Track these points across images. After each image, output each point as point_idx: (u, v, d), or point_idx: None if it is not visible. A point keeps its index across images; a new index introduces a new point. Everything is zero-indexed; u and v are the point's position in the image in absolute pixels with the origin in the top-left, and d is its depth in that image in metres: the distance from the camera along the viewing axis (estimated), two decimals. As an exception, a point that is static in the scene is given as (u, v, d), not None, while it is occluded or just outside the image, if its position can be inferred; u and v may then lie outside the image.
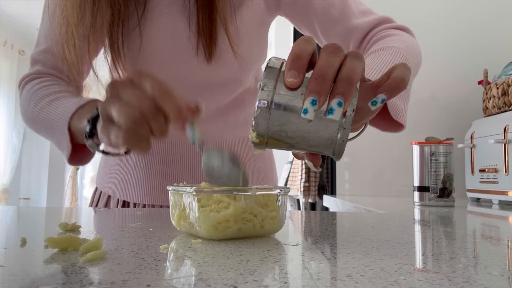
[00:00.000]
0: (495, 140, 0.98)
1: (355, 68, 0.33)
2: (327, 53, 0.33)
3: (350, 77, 0.32)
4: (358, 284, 0.23)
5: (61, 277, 0.24)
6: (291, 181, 2.29)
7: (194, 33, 0.66)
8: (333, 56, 0.33)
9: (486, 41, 1.48)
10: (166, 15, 0.67)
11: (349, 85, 0.32)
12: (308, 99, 0.32)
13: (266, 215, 0.38)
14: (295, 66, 0.32)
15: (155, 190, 0.74)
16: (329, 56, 0.33)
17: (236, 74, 0.71)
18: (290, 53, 0.33)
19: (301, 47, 0.33)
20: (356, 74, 0.33)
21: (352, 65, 0.33)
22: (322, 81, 0.32)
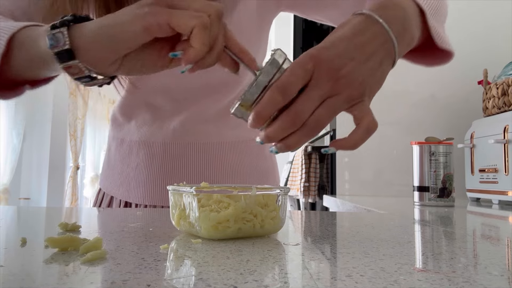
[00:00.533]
0: (495, 140, 0.98)
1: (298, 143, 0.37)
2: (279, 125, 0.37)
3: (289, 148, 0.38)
4: (358, 284, 0.23)
5: (61, 277, 0.24)
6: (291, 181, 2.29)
7: None
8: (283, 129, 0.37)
9: (486, 41, 1.48)
10: None
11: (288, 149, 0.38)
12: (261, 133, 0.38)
13: (266, 215, 0.38)
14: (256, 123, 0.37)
15: (157, 191, 0.74)
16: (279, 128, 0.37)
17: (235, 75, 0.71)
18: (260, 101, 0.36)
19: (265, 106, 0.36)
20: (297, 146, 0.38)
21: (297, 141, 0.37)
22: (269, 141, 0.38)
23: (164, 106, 0.72)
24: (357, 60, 0.37)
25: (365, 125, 0.39)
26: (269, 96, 0.36)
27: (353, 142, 0.39)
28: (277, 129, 0.37)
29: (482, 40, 1.49)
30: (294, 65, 0.36)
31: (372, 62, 0.38)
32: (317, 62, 0.36)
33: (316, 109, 0.37)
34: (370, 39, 0.38)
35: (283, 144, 0.38)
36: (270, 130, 0.37)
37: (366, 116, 0.39)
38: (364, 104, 0.39)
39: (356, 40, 0.38)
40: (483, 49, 1.48)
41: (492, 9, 1.49)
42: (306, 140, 0.37)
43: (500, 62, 1.26)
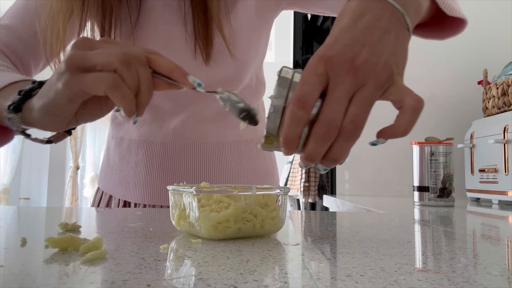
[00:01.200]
0: (495, 140, 0.98)
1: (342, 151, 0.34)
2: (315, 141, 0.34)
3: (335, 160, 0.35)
4: (358, 284, 0.23)
5: (61, 277, 0.24)
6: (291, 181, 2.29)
7: (191, 36, 0.66)
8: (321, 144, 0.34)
9: (486, 41, 1.48)
10: (162, 18, 0.67)
11: (333, 164, 0.35)
12: (301, 156, 0.35)
13: (266, 215, 0.38)
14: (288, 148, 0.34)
15: (156, 191, 0.74)
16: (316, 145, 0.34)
17: (236, 73, 0.71)
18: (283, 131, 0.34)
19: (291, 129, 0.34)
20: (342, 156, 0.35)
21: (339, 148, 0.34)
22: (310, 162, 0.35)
23: (164, 106, 0.72)
24: (370, 44, 0.34)
25: (410, 105, 0.35)
26: (289, 115, 0.33)
27: (403, 128, 0.35)
28: (314, 146, 0.34)
29: (482, 40, 1.49)
30: (305, 74, 0.34)
31: (387, 39, 0.35)
32: (328, 61, 0.34)
33: (347, 110, 0.33)
34: (374, 18, 0.35)
35: (328, 159, 0.35)
36: (308, 151, 0.34)
37: (406, 96, 0.35)
38: (397, 85, 0.36)
39: (360, 24, 0.35)
40: (483, 49, 1.48)
41: (492, 10, 1.49)
42: (349, 145, 0.34)
43: (500, 62, 1.26)
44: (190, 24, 0.65)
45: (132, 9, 0.66)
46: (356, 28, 0.35)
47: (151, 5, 0.67)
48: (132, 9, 0.66)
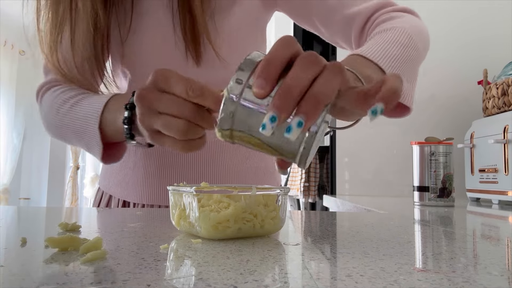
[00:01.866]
0: (495, 140, 0.98)
1: (327, 86, 0.30)
2: (300, 66, 0.31)
3: (318, 96, 0.30)
4: (358, 284, 0.23)
5: (61, 277, 0.24)
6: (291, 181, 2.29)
7: (181, 38, 0.66)
8: (306, 70, 0.30)
9: (486, 41, 1.48)
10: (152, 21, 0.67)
11: (315, 105, 0.30)
12: (267, 115, 0.30)
13: (266, 215, 0.38)
14: (265, 75, 0.30)
15: (154, 190, 0.74)
16: (301, 70, 0.30)
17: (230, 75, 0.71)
18: (264, 57, 0.31)
19: (277, 51, 0.31)
20: (327, 92, 0.30)
21: (325, 82, 0.30)
22: (286, 98, 0.30)
23: None
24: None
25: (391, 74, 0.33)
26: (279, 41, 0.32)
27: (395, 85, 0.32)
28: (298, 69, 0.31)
29: (482, 40, 1.49)
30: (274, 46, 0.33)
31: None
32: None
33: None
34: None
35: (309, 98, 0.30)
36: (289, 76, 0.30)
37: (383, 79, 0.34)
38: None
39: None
40: (483, 49, 1.48)
41: (492, 10, 1.49)
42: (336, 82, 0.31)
43: (500, 62, 1.26)
44: (179, 26, 0.66)
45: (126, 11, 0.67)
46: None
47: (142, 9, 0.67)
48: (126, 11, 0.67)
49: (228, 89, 0.33)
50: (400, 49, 0.50)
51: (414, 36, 0.54)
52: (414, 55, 0.53)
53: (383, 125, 1.48)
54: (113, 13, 0.66)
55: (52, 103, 0.66)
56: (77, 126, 0.60)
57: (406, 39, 0.53)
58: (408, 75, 0.50)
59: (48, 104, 0.67)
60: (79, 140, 0.61)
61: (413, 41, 0.53)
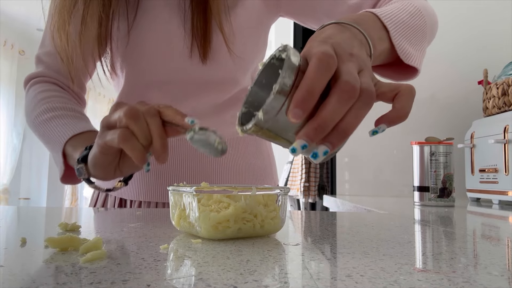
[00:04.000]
0: (495, 140, 0.98)
1: (357, 119, 0.32)
2: (337, 100, 0.31)
3: (347, 130, 0.32)
4: (358, 284, 0.23)
5: (61, 277, 0.24)
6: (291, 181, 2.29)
7: (189, 35, 0.66)
8: (342, 105, 0.31)
9: (486, 41, 1.48)
10: (160, 17, 0.67)
11: (343, 136, 0.32)
12: (299, 141, 0.31)
13: (266, 215, 0.38)
14: (303, 106, 0.30)
15: (151, 187, 0.73)
16: (338, 104, 0.31)
17: (232, 73, 0.71)
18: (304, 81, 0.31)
19: (317, 77, 0.31)
20: (355, 125, 0.33)
21: (356, 115, 0.32)
22: (319, 131, 0.31)
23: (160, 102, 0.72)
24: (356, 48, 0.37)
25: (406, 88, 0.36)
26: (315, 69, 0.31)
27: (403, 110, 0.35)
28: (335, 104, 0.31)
29: (482, 40, 1.49)
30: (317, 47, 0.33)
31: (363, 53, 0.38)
32: (333, 42, 0.35)
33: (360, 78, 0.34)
34: (354, 36, 0.38)
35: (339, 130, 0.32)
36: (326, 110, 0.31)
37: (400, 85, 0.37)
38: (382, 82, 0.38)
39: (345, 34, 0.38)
40: (483, 49, 1.48)
41: (492, 9, 1.49)
42: (365, 113, 0.33)
43: (500, 62, 1.26)
44: (189, 23, 0.66)
45: (131, 6, 0.67)
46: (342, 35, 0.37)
47: (150, 3, 0.67)
48: (130, 5, 0.67)
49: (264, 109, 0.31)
50: (408, 16, 0.50)
51: (422, 10, 0.54)
52: (421, 25, 0.53)
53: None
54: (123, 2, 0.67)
55: (35, 105, 0.68)
56: (47, 140, 0.64)
57: (413, 10, 0.53)
58: (414, 42, 0.50)
59: (32, 103, 0.69)
60: (48, 149, 0.66)
61: (420, 13, 0.53)
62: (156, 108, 0.46)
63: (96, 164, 0.51)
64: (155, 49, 0.68)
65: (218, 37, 0.66)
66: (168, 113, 0.46)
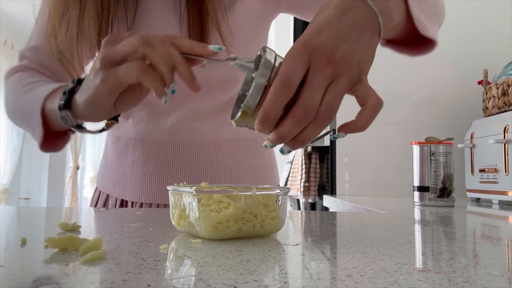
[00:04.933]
0: (495, 140, 0.98)
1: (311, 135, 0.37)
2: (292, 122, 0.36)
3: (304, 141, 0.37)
4: (358, 284, 0.23)
5: (61, 277, 0.24)
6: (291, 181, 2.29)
7: (186, 36, 0.66)
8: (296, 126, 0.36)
9: (486, 41, 1.48)
10: (157, 19, 0.67)
11: (301, 144, 0.37)
12: (267, 142, 0.37)
13: (266, 215, 0.38)
14: (264, 123, 0.35)
15: (152, 189, 0.73)
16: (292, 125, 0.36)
17: (232, 73, 0.71)
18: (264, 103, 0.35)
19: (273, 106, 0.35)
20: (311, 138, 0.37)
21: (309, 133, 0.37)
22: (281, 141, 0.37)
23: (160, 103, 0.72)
24: (350, 40, 0.37)
25: (372, 104, 0.38)
26: (275, 91, 0.35)
27: (362, 124, 0.38)
28: (290, 126, 0.36)
29: (482, 40, 1.49)
30: (290, 56, 0.36)
31: (364, 39, 0.38)
32: (312, 48, 0.36)
33: (323, 97, 0.36)
34: (356, 17, 0.38)
35: (296, 141, 0.37)
36: (283, 129, 0.36)
37: (370, 95, 0.38)
38: (364, 83, 0.39)
39: (344, 20, 0.38)
40: (483, 49, 1.48)
41: (492, 9, 1.49)
42: (319, 131, 0.37)
43: (500, 62, 1.26)
44: (185, 24, 0.66)
45: (129, 9, 0.67)
46: (340, 23, 0.37)
47: (148, 5, 0.67)
48: (129, 9, 0.67)
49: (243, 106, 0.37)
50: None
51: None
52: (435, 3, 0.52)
53: (383, 125, 1.48)
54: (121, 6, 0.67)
55: (12, 87, 0.66)
56: (25, 110, 0.60)
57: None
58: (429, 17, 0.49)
59: (10, 86, 0.67)
60: (27, 126, 0.62)
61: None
62: (166, 38, 0.44)
63: (95, 106, 0.47)
64: None
65: (216, 37, 0.66)
66: (182, 43, 0.44)
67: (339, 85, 0.36)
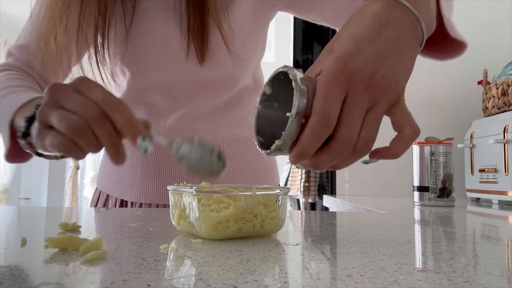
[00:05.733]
0: (495, 140, 0.98)
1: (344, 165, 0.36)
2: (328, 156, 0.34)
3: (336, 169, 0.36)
4: (358, 284, 0.23)
5: (61, 277, 0.24)
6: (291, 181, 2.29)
7: (185, 36, 0.66)
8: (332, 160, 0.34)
9: (486, 41, 1.48)
10: (157, 18, 0.67)
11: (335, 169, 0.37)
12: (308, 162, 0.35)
13: (266, 215, 0.38)
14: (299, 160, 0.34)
15: (152, 189, 0.73)
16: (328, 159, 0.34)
17: (232, 73, 0.71)
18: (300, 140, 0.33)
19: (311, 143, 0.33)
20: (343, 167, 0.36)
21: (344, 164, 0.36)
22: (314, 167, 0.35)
23: (161, 103, 0.72)
24: (391, 59, 0.33)
25: (408, 135, 0.36)
26: (312, 132, 0.32)
27: (396, 152, 0.37)
28: (328, 158, 0.34)
29: (482, 40, 1.49)
30: (326, 86, 0.32)
31: (404, 56, 0.35)
32: (349, 75, 0.32)
33: (361, 129, 0.33)
34: (398, 29, 0.34)
35: (332, 167, 0.36)
36: (320, 160, 0.34)
37: (408, 123, 0.36)
38: (402, 106, 0.36)
39: (385, 34, 0.33)
40: (483, 49, 1.48)
41: (492, 9, 1.49)
42: (357, 160, 0.36)
43: (500, 62, 1.26)
44: (185, 24, 0.66)
45: (127, 9, 0.67)
46: (380, 39, 0.33)
47: (146, 6, 0.67)
48: (127, 9, 0.67)
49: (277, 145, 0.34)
50: None
51: None
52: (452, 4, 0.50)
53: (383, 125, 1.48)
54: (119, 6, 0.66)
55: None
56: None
57: None
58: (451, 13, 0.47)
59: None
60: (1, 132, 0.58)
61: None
62: (102, 112, 0.39)
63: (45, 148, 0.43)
64: (152, 52, 0.68)
65: (216, 37, 0.66)
66: (118, 120, 0.39)
67: (377, 113, 0.34)
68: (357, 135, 0.33)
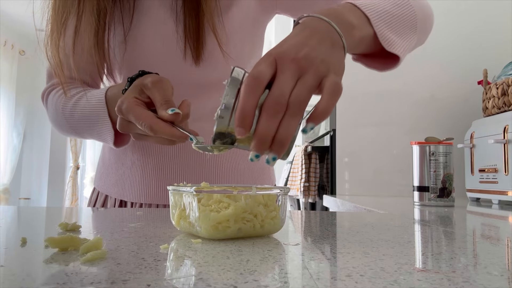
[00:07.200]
0: (495, 140, 0.98)
1: (288, 130, 0.37)
2: (266, 117, 0.37)
3: (283, 140, 0.37)
4: (358, 284, 0.23)
5: (61, 277, 0.24)
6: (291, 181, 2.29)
7: (182, 37, 0.66)
8: (271, 120, 0.37)
9: (486, 41, 1.48)
10: (154, 20, 0.67)
11: (282, 146, 0.37)
12: (252, 153, 0.38)
13: (266, 215, 0.38)
14: (242, 124, 0.37)
15: (152, 190, 0.74)
16: (267, 121, 0.37)
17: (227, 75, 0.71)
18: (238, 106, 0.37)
19: (246, 101, 0.37)
20: (290, 135, 0.37)
21: (286, 127, 0.37)
22: (263, 144, 0.37)
23: None
24: (309, 46, 0.40)
25: (328, 87, 0.38)
26: (246, 86, 0.37)
27: (323, 109, 0.38)
28: (265, 121, 0.36)
29: (482, 40, 1.49)
30: (258, 63, 0.38)
31: (324, 44, 0.41)
32: (276, 54, 0.39)
33: (292, 90, 0.38)
34: (316, 29, 0.42)
35: (277, 143, 0.37)
36: (260, 127, 0.37)
37: (327, 81, 0.39)
38: (330, 78, 0.39)
39: (303, 32, 0.42)
40: (483, 49, 1.48)
41: (491, 9, 1.49)
42: (295, 123, 0.37)
43: (500, 62, 1.26)
44: (182, 25, 0.66)
45: (125, 12, 0.67)
46: (300, 35, 0.41)
47: (143, 7, 0.67)
48: (125, 11, 0.67)
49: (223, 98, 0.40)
50: (392, 6, 0.52)
51: (411, 2, 0.55)
52: (409, 15, 0.54)
53: (383, 125, 1.48)
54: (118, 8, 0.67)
55: (57, 102, 0.70)
56: (88, 116, 0.66)
57: (400, 1, 0.54)
58: (400, 31, 0.52)
59: (54, 103, 0.71)
60: (91, 129, 0.67)
61: (409, 5, 0.54)
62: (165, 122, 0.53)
63: None
64: (151, 52, 0.68)
65: (212, 39, 0.66)
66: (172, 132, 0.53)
67: (305, 79, 0.38)
68: (287, 92, 0.37)
